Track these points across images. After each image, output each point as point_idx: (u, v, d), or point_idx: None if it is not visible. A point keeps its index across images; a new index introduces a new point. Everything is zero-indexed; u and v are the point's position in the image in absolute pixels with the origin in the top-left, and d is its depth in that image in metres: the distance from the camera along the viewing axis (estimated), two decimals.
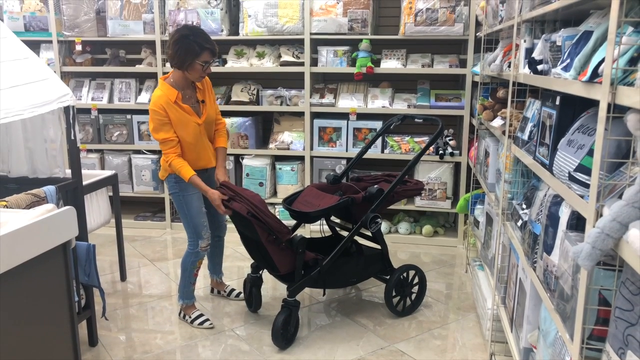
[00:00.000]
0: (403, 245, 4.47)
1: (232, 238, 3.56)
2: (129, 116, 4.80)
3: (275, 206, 4.68)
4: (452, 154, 4.34)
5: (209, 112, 2.98)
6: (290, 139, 4.60)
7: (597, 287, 1.34)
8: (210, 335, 3.02)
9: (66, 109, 2.62)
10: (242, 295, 3.42)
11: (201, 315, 3.14)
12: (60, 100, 2.53)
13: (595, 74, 1.38)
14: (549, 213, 1.77)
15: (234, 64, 4.59)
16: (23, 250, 1.88)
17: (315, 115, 4.57)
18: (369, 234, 3.20)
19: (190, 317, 3.13)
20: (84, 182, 2.90)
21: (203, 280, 3.70)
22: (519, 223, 2.19)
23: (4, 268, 1.78)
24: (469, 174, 4.17)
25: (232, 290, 3.49)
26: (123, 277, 3.76)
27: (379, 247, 3.23)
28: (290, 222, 3.34)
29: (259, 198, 2.80)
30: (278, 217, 4.60)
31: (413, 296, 3.31)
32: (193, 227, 2.99)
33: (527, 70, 2.18)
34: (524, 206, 2.22)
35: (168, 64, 4.61)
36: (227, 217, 3.21)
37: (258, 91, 4.64)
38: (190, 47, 2.75)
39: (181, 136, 2.86)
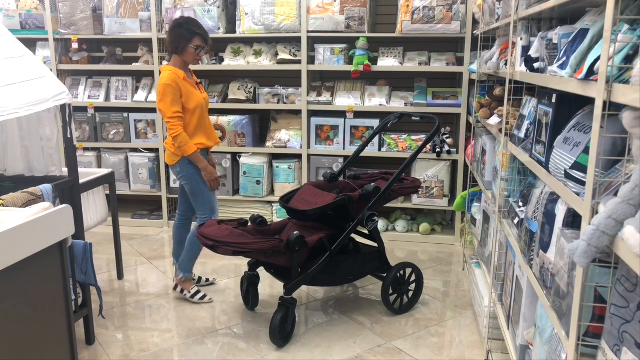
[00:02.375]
0: (400, 243, 4.48)
1: None
2: (125, 114, 4.79)
3: (273, 204, 4.68)
4: (449, 152, 4.35)
5: (204, 93, 3.32)
6: (288, 137, 4.60)
7: (592, 284, 1.35)
8: (208, 334, 3.02)
9: (62, 107, 2.61)
10: (210, 280, 3.62)
11: (199, 290, 3.34)
12: (57, 99, 2.53)
13: (591, 72, 1.38)
14: (545, 211, 1.78)
15: (231, 62, 4.58)
16: (19, 248, 1.88)
17: (312, 114, 4.56)
18: (366, 232, 3.20)
19: (189, 292, 3.32)
20: (81, 181, 2.90)
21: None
22: (516, 221, 2.20)
23: (0, 266, 1.78)
24: (466, 171, 4.18)
25: (200, 277, 3.63)
26: (120, 275, 3.76)
27: (376, 245, 3.23)
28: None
29: (237, 232, 2.82)
30: (275, 215, 4.62)
31: (410, 294, 3.31)
32: (209, 203, 3.23)
33: (523, 68, 2.18)
34: (521, 204, 2.22)
35: (164, 62, 4.64)
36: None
37: (255, 89, 4.63)
38: (182, 34, 3.11)
39: (192, 108, 3.13)
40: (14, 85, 2.36)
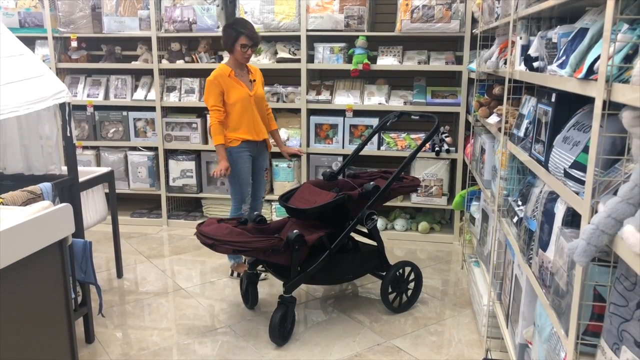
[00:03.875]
0: (399, 241, 4.48)
1: None
2: (124, 113, 4.79)
3: (272, 203, 4.68)
4: (448, 151, 4.35)
5: (257, 90, 3.59)
6: (287, 135, 4.60)
7: (592, 283, 1.35)
8: (207, 332, 3.02)
9: (62, 106, 2.61)
10: (262, 275, 3.63)
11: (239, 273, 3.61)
12: (56, 97, 2.53)
13: (590, 71, 1.38)
14: (544, 209, 1.78)
15: None
16: (19, 247, 1.88)
17: (311, 112, 4.56)
18: (365, 230, 3.20)
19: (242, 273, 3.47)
20: (80, 179, 2.90)
21: (201, 277, 3.71)
22: (515, 219, 2.20)
23: (0, 265, 1.78)
24: (465, 170, 4.18)
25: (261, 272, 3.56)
26: (119, 274, 3.76)
27: (375, 243, 3.23)
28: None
29: (236, 231, 2.83)
30: (274, 213, 4.62)
31: (409, 292, 3.32)
32: (240, 194, 3.55)
33: (523, 67, 2.18)
34: (520, 203, 2.23)
35: (164, 60, 4.66)
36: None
37: None
38: (230, 33, 3.42)
39: (231, 102, 3.44)
40: (14, 84, 2.36)
